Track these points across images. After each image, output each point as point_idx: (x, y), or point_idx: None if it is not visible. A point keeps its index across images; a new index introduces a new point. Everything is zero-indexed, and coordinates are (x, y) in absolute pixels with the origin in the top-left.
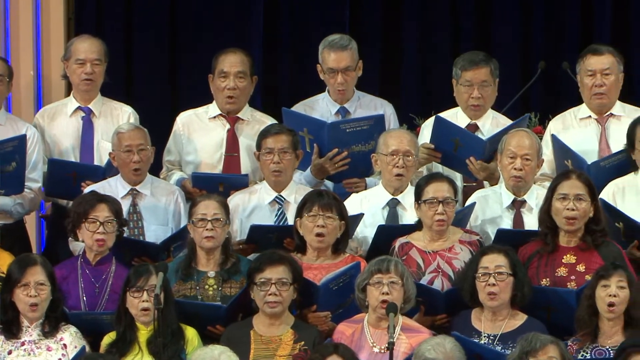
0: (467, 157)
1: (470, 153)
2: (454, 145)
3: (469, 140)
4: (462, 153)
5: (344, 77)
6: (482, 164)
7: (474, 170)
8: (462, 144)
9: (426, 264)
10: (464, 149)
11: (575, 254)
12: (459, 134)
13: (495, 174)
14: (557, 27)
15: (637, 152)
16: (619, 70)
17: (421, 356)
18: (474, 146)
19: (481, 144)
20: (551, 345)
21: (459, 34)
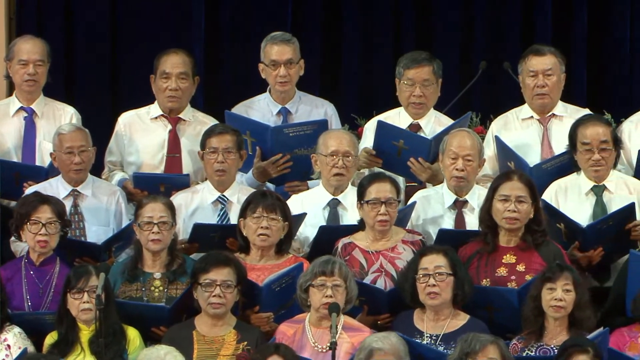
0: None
1: (415, 155)
2: (398, 149)
3: (413, 142)
4: (407, 156)
5: (286, 70)
6: (426, 163)
7: (417, 171)
8: (406, 146)
9: (369, 263)
10: (409, 152)
11: (515, 254)
12: (402, 136)
13: (439, 175)
14: (498, 27)
15: (579, 153)
16: (560, 70)
17: (367, 347)
18: (419, 147)
19: (426, 144)
20: (491, 346)
21: (400, 33)
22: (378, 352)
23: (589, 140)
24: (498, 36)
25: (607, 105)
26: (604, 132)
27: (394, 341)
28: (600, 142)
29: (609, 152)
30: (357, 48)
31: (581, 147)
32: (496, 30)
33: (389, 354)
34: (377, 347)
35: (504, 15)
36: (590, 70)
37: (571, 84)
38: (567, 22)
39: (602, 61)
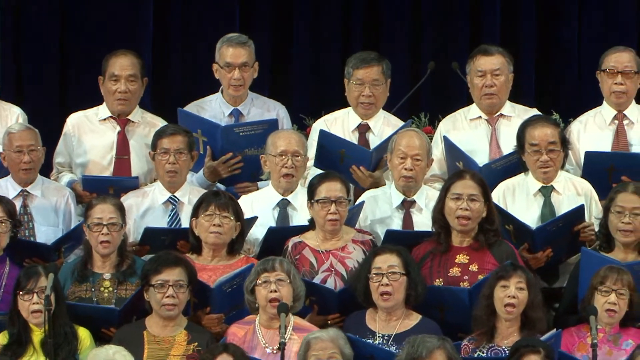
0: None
1: (357, 163)
2: (340, 156)
3: (354, 152)
4: (349, 163)
5: (241, 73)
6: (367, 172)
7: (359, 179)
8: (348, 155)
9: (319, 263)
10: (351, 160)
11: (468, 254)
12: (344, 146)
13: (380, 182)
14: (446, 27)
15: (527, 155)
16: (509, 70)
17: (305, 339)
18: (361, 157)
19: (367, 155)
20: (437, 350)
21: (348, 34)
22: (315, 341)
23: (537, 141)
24: (446, 37)
25: (556, 105)
26: (552, 133)
27: (332, 333)
28: (549, 143)
29: (557, 154)
30: (306, 48)
31: (529, 148)
32: (444, 30)
33: (325, 341)
34: (314, 337)
35: (452, 16)
36: (539, 70)
37: (519, 84)
38: (515, 23)
39: (550, 61)
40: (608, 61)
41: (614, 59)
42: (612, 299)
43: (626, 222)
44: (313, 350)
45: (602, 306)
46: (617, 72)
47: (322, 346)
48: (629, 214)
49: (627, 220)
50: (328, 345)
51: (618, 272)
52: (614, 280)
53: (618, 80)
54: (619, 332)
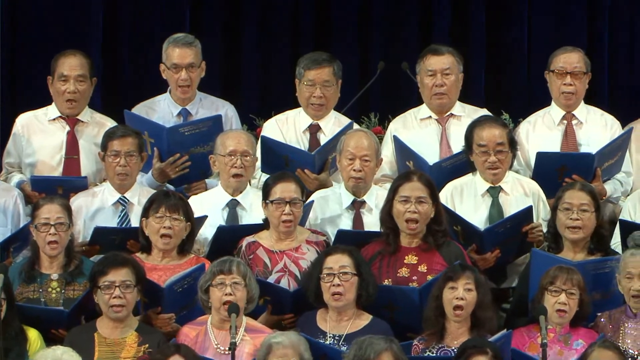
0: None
1: (301, 166)
2: (285, 161)
3: (297, 156)
4: (294, 166)
5: (188, 74)
6: (312, 175)
7: (306, 181)
8: (292, 159)
9: (273, 263)
10: (295, 164)
11: (417, 255)
12: (287, 151)
13: (327, 184)
14: (396, 27)
15: (475, 155)
16: (458, 70)
17: (266, 342)
18: (304, 160)
19: (310, 158)
20: (385, 353)
21: (298, 34)
22: (276, 346)
23: (485, 142)
24: (396, 36)
25: (505, 105)
26: (500, 134)
27: (293, 337)
28: (496, 144)
29: (505, 154)
30: (256, 48)
31: (477, 149)
32: (394, 30)
33: (287, 348)
34: (275, 341)
35: (402, 16)
36: (489, 70)
37: (469, 84)
38: (465, 22)
39: (500, 61)
40: (557, 62)
41: (563, 60)
42: (562, 299)
43: (574, 218)
44: (274, 356)
45: (552, 306)
46: (566, 73)
47: (284, 352)
48: (577, 211)
49: (575, 216)
50: (289, 352)
51: (568, 272)
52: (563, 280)
53: (567, 81)
54: (569, 332)
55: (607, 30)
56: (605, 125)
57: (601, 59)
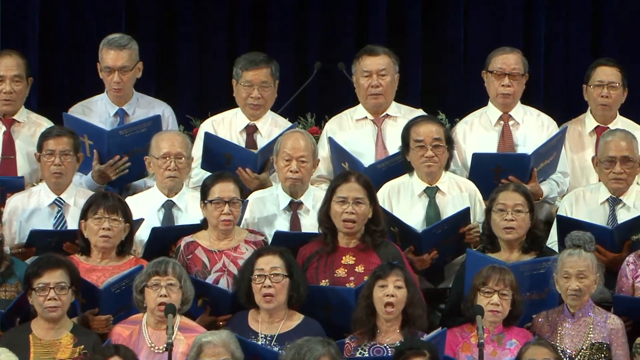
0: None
1: (243, 164)
2: (226, 159)
3: (239, 154)
4: (235, 165)
5: (120, 76)
6: (253, 174)
7: (246, 180)
8: (234, 157)
9: (212, 263)
10: (237, 162)
11: (355, 255)
12: (229, 149)
13: (267, 183)
14: (332, 27)
15: (412, 152)
16: (394, 70)
17: (197, 342)
18: (246, 159)
19: (252, 157)
20: (323, 358)
21: (234, 34)
22: (207, 345)
23: (422, 137)
24: (332, 37)
25: (442, 105)
26: (437, 130)
27: (224, 336)
28: (433, 139)
29: (442, 150)
30: (192, 48)
31: (414, 144)
32: (330, 31)
33: (218, 346)
34: (206, 340)
35: (338, 16)
36: (425, 70)
37: (405, 84)
38: (401, 23)
39: (436, 62)
40: (495, 62)
41: (501, 61)
42: (494, 300)
43: (509, 219)
44: (205, 355)
45: (485, 306)
46: (504, 74)
47: (215, 351)
48: (511, 211)
49: (510, 217)
50: (220, 351)
51: (500, 272)
52: (496, 280)
53: (505, 82)
54: (503, 331)
55: (544, 30)
56: (541, 126)
57: (537, 59)
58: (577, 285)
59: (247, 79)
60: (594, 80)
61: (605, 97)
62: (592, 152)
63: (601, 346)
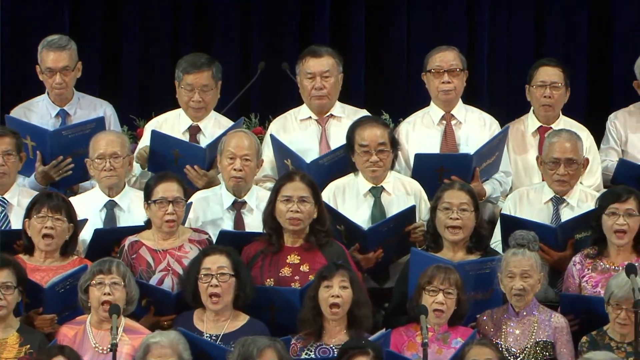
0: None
1: (191, 162)
2: (174, 157)
3: (188, 150)
4: (183, 163)
5: (62, 77)
6: (201, 171)
7: (194, 178)
8: (182, 155)
9: (156, 262)
10: (185, 160)
11: (299, 254)
12: (177, 145)
13: (215, 182)
14: (276, 27)
15: (357, 155)
16: (338, 71)
17: (145, 342)
18: (194, 155)
19: (201, 153)
20: (269, 349)
21: (178, 34)
22: (155, 346)
23: (366, 142)
24: (276, 37)
25: (385, 105)
26: (382, 134)
27: (172, 336)
28: (378, 144)
29: (387, 154)
30: (136, 49)
31: (359, 149)
32: (274, 30)
33: (165, 347)
34: (154, 341)
35: (282, 16)
36: (368, 70)
37: (349, 84)
38: (345, 23)
39: (379, 61)
40: (433, 61)
41: (439, 59)
42: (439, 299)
43: (454, 217)
44: (152, 355)
45: (430, 305)
46: (443, 71)
47: (162, 352)
48: (456, 210)
49: (455, 216)
50: (167, 352)
51: (445, 271)
52: (441, 279)
53: (445, 79)
54: (448, 330)
55: (486, 31)
56: (484, 125)
57: (480, 59)
58: (522, 285)
59: (188, 82)
60: (536, 81)
61: (548, 97)
62: (535, 152)
63: (545, 344)
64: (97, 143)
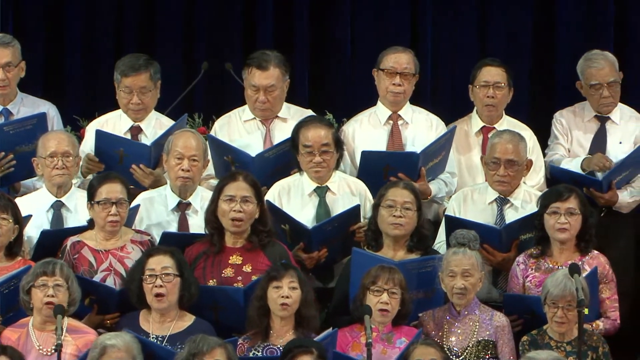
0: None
1: (136, 161)
2: (119, 157)
3: (133, 149)
4: (128, 163)
5: (5, 73)
6: (147, 169)
7: (140, 177)
8: (127, 154)
9: (98, 262)
10: (130, 159)
11: (242, 255)
12: (122, 144)
13: (161, 180)
14: (220, 27)
15: (301, 156)
16: (283, 81)
17: (100, 344)
18: (140, 154)
19: (146, 151)
20: (218, 348)
21: (121, 34)
22: (111, 349)
23: (310, 142)
24: (220, 37)
25: (329, 105)
26: (326, 134)
27: (127, 339)
28: (322, 145)
29: (331, 155)
30: (80, 49)
31: (303, 149)
32: (218, 30)
33: (122, 351)
34: (110, 344)
35: (226, 16)
36: (313, 71)
37: (293, 84)
38: (289, 23)
39: (323, 61)
40: (387, 61)
41: (394, 60)
42: (384, 299)
43: (397, 215)
44: (108, 357)
45: (375, 305)
46: (395, 73)
47: (118, 355)
48: (400, 208)
49: (399, 214)
50: (123, 355)
51: (389, 271)
52: (385, 279)
53: (396, 81)
54: (392, 330)
55: (430, 30)
56: (430, 126)
57: (424, 59)
58: (463, 284)
59: (126, 84)
60: (479, 81)
61: (491, 97)
62: (478, 152)
63: (487, 344)
64: (48, 142)
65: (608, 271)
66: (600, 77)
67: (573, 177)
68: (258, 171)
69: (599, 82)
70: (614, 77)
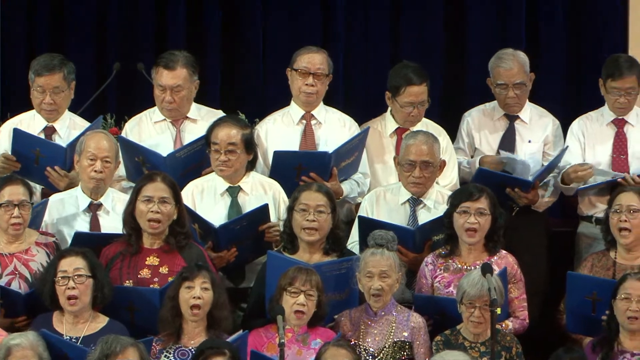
0: (50, 166)
1: (52, 163)
2: (35, 157)
3: (49, 150)
4: (44, 164)
5: None
6: (62, 171)
7: (55, 180)
8: (43, 154)
9: (3, 266)
10: (46, 160)
11: (159, 256)
12: (38, 144)
13: (76, 182)
14: (131, 28)
15: (210, 153)
16: (191, 82)
17: (5, 344)
18: (55, 155)
19: (62, 152)
20: (131, 348)
21: (34, 33)
22: (16, 348)
23: (217, 141)
24: (131, 37)
25: (241, 106)
26: (235, 134)
27: (32, 338)
28: (228, 144)
29: (236, 155)
30: None
31: (212, 147)
32: (129, 31)
33: (27, 349)
34: (15, 343)
35: (137, 16)
36: (224, 71)
37: (205, 84)
38: (200, 23)
39: (235, 62)
40: (301, 61)
41: (307, 60)
42: (300, 300)
43: (310, 219)
44: (13, 357)
45: (291, 307)
46: (308, 73)
47: (24, 354)
48: (313, 212)
49: (312, 217)
50: (28, 354)
51: (307, 273)
52: (302, 281)
53: (309, 81)
54: (308, 331)
55: (342, 31)
56: (343, 126)
57: (336, 59)
58: (380, 285)
59: (39, 84)
60: (403, 101)
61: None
62: (392, 153)
63: (403, 344)
64: None
65: (517, 271)
66: (506, 78)
67: (502, 178)
68: (170, 171)
69: (504, 82)
70: (521, 79)
